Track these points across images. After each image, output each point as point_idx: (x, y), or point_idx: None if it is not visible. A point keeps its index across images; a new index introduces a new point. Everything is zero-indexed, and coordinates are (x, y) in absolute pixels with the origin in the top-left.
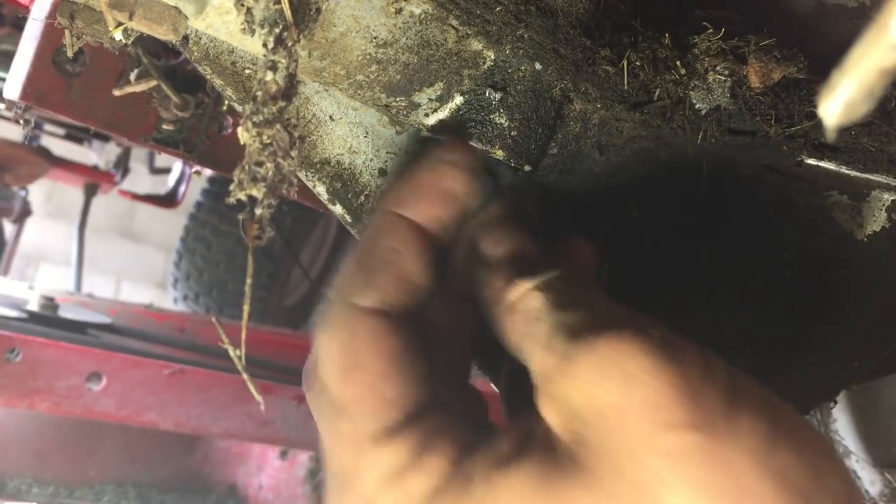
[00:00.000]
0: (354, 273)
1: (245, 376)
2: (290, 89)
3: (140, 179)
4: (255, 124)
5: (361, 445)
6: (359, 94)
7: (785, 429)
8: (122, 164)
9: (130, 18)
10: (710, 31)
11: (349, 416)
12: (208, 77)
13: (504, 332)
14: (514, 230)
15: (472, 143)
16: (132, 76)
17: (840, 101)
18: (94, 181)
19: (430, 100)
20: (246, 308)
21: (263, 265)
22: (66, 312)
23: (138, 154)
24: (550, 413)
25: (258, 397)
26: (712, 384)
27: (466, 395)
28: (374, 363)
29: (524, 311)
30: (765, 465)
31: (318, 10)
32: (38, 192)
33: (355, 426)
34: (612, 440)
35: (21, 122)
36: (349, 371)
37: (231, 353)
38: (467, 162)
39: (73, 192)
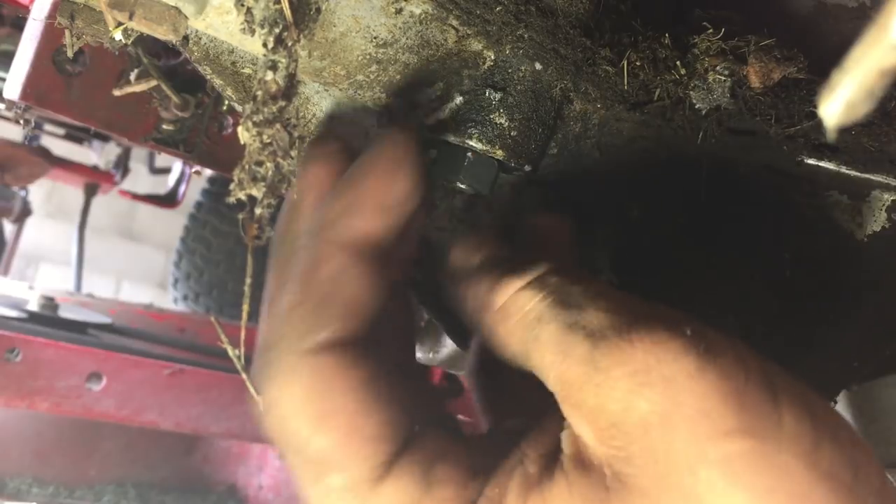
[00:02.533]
0: (296, 315)
1: (244, 376)
2: (290, 89)
3: (140, 179)
4: (254, 124)
5: (361, 494)
6: (359, 94)
7: (824, 424)
8: (122, 164)
9: (130, 18)
10: (710, 31)
11: (337, 467)
12: (208, 77)
13: (500, 341)
14: (485, 236)
15: (398, 132)
16: (132, 76)
17: (840, 101)
18: (94, 181)
19: (430, 100)
20: (245, 308)
21: (263, 265)
22: (66, 312)
23: (138, 154)
24: (582, 426)
25: (257, 397)
26: (755, 384)
27: (424, 387)
28: (346, 402)
29: (520, 315)
30: (814, 465)
31: (318, 10)
32: (38, 192)
33: (347, 475)
34: (660, 452)
35: (21, 122)
36: (322, 419)
37: (230, 352)
38: (398, 162)
39: (73, 192)
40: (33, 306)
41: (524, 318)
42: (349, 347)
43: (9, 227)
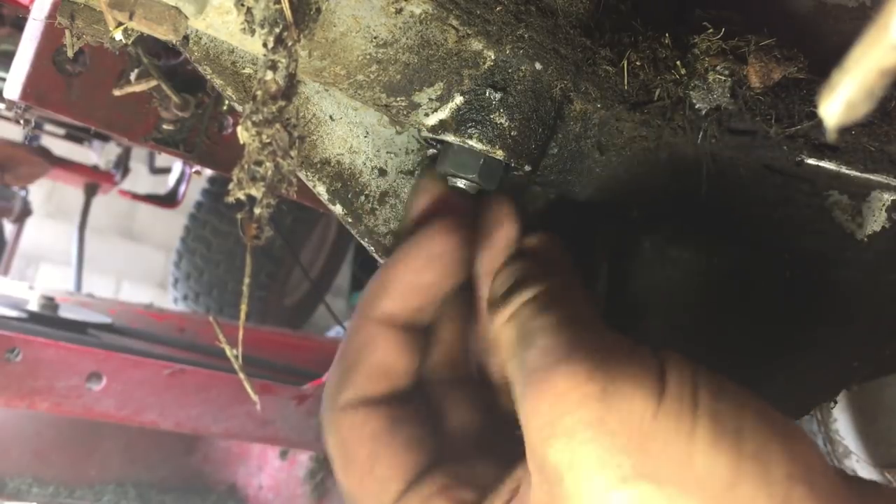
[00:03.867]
0: (334, 377)
1: (242, 376)
2: (289, 89)
3: (140, 179)
4: (254, 124)
5: None
6: (359, 94)
7: (749, 457)
8: (122, 164)
9: (130, 18)
10: (710, 31)
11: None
12: (208, 77)
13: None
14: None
15: (447, 226)
16: (132, 76)
17: (840, 101)
18: (94, 181)
19: (431, 100)
20: (244, 308)
21: (263, 265)
22: (66, 312)
23: (138, 154)
24: (530, 464)
25: (254, 397)
26: (665, 421)
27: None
28: (360, 450)
29: (505, 346)
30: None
31: (318, 10)
32: (38, 192)
33: None
34: (573, 499)
35: (21, 122)
36: (346, 464)
37: (228, 352)
38: (438, 249)
39: (73, 192)
40: (33, 306)
41: (507, 350)
42: (371, 405)
43: (9, 227)
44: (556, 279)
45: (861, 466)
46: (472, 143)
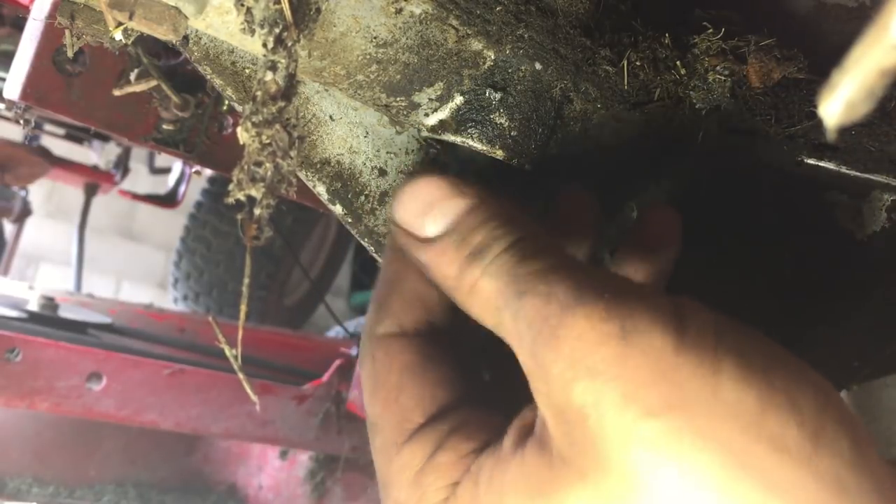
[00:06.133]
0: (372, 311)
1: (241, 375)
2: (289, 89)
3: (140, 179)
4: (254, 124)
5: (390, 454)
6: (359, 94)
7: (779, 389)
8: (122, 164)
9: (130, 18)
10: (710, 31)
11: (380, 430)
12: (208, 77)
13: (478, 320)
14: (439, 192)
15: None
16: (132, 76)
17: (840, 101)
18: (94, 181)
19: (431, 100)
20: (243, 308)
21: (263, 265)
22: (66, 312)
23: (138, 154)
24: (542, 409)
25: (253, 397)
26: (688, 354)
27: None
28: (389, 379)
29: (484, 302)
30: (756, 434)
31: (318, 10)
32: (38, 192)
33: (384, 437)
34: (596, 438)
35: (21, 122)
36: (374, 392)
37: (227, 352)
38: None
39: (73, 192)
40: (33, 306)
41: (488, 306)
42: (406, 337)
43: (9, 227)
44: (525, 229)
45: None
46: (472, 142)
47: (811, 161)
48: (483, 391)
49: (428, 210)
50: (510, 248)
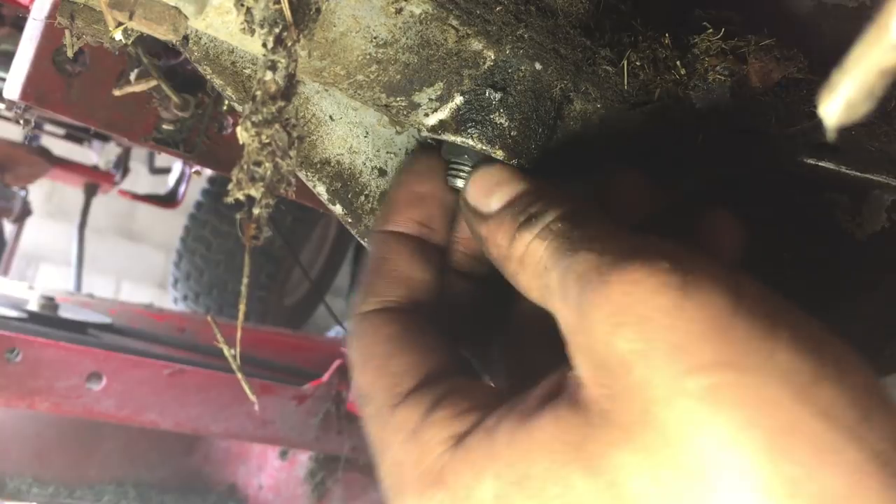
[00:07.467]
0: (360, 291)
1: (240, 375)
2: (289, 89)
3: (140, 179)
4: (253, 124)
5: (383, 418)
6: (359, 94)
7: (831, 363)
8: (122, 164)
9: (130, 18)
10: (710, 31)
11: (371, 399)
12: (208, 77)
13: (523, 290)
14: (502, 172)
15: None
16: (132, 76)
17: (840, 101)
18: (94, 181)
19: (430, 100)
20: (242, 308)
21: (263, 265)
22: (66, 312)
23: (138, 154)
24: (579, 367)
25: (252, 397)
26: (745, 315)
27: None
28: (377, 349)
29: (533, 265)
30: (807, 401)
31: (318, 10)
32: (38, 192)
33: (376, 404)
34: (641, 389)
35: (21, 122)
36: (363, 364)
37: (226, 352)
38: (426, 165)
39: (73, 192)
40: (33, 306)
41: (537, 268)
42: (390, 312)
43: (9, 227)
44: (578, 203)
45: None
46: (472, 142)
47: (811, 161)
48: (468, 367)
49: (493, 190)
50: (564, 217)
